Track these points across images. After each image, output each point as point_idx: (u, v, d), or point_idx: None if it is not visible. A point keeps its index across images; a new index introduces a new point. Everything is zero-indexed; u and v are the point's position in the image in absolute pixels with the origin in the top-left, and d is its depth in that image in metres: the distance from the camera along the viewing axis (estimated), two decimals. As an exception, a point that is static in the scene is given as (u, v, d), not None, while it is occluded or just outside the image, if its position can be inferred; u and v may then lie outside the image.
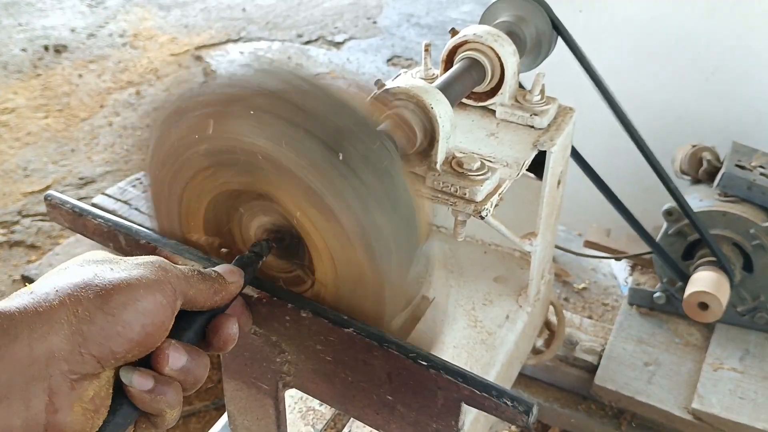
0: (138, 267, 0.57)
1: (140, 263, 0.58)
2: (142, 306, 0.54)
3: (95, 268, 0.56)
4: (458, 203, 0.93)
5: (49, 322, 0.51)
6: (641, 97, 1.87)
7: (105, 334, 0.52)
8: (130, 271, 0.56)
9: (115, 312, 0.53)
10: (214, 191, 0.73)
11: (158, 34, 3.84)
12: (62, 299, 0.52)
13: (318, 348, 0.73)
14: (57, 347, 0.51)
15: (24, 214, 2.51)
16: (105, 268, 0.56)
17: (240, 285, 0.66)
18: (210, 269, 0.65)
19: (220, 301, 0.63)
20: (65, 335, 0.51)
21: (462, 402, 0.66)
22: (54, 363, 0.51)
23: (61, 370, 0.51)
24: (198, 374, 0.59)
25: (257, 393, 0.85)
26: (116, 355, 0.54)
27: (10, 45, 3.66)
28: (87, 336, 0.52)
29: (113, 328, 0.53)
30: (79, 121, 3.08)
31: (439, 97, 0.91)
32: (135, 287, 0.55)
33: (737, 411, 1.50)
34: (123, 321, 0.53)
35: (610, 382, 1.59)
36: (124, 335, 0.53)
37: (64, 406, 0.52)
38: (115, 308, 0.53)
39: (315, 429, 1.15)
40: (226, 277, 0.64)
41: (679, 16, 1.78)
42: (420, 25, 4.02)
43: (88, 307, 0.52)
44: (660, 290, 1.72)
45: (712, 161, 1.67)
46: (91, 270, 0.56)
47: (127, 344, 0.54)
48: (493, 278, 1.38)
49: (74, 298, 0.52)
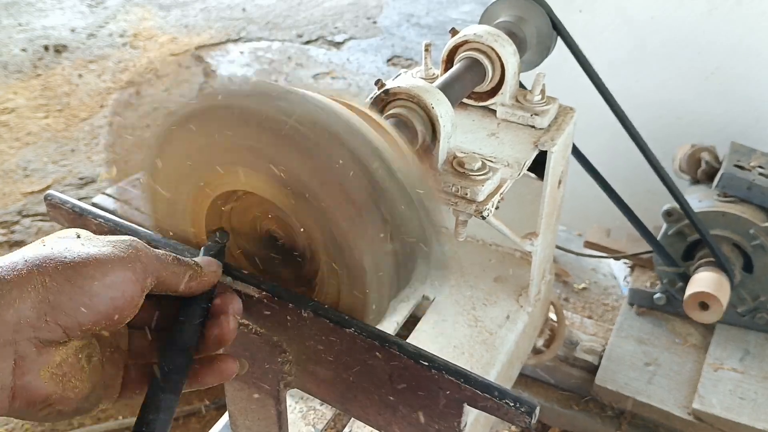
0: (109, 244, 0.59)
1: (113, 241, 0.60)
2: (109, 280, 0.56)
3: (68, 242, 0.58)
4: (459, 203, 0.93)
5: (18, 289, 0.53)
6: (641, 96, 1.87)
7: (71, 305, 0.54)
8: (100, 247, 0.58)
9: (82, 284, 0.55)
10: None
11: (158, 34, 3.84)
12: (30, 269, 0.54)
13: (319, 348, 0.73)
14: (24, 314, 0.52)
15: (24, 214, 2.50)
16: (77, 242, 0.58)
17: (218, 275, 0.68)
18: (190, 259, 0.66)
19: (196, 287, 0.65)
20: (32, 303, 0.53)
21: (464, 403, 0.66)
22: (21, 329, 0.52)
23: (27, 336, 0.53)
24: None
25: (258, 393, 0.85)
26: (82, 326, 0.55)
27: (10, 45, 3.66)
28: (54, 305, 0.53)
29: (80, 300, 0.54)
30: (79, 121, 3.08)
31: (440, 97, 0.91)
32: (104, 262, 0.56)
33: (737, 411, 1.50)
34: (90, 294, 0.55)
35: (611, 383, 1.59)
36: (91, 307, 0.55)
37: (32, 369, 0.54)
38: (83, 281, 0.55)
39: (316, 429, 1.15)
40: (203, 266, 0.66)
41: (679, 16, 1.78)
42: (420, 25, 4.02)
43: (56, 278, 0.54)
44: (660, 290, 1.72)
45: (711, 161, 1.67)
46: (63, 244, 0.57)
47: (94, 316, 0.55)
48: (493, 278, 1.38)
49: (42, 269, 0.54)
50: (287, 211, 0.69)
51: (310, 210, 0.67)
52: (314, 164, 0.64)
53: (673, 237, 1.62)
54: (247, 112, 0.65)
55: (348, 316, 0.71)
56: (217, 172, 0.70)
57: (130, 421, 1.76)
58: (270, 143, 0.65)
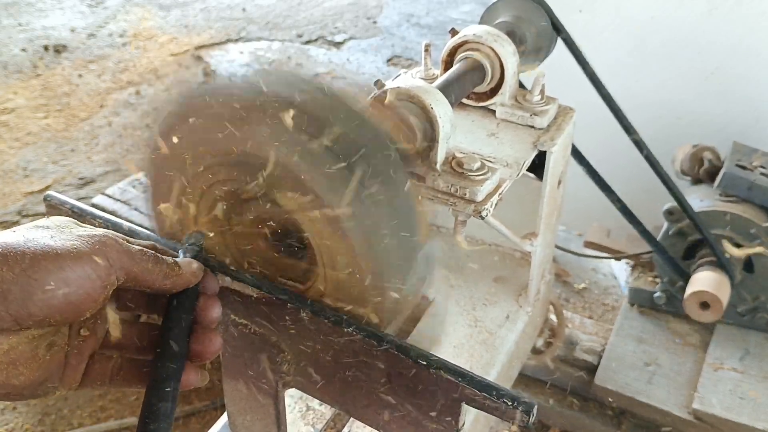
0: (77, 238, 0.59)
1: (82, 235, 0.60)
2: (65, 275, 0.56)
3: (36, 233, 0.58)
4: (458, 203, 0.93)
5: None
6: (641, 96, 1.87)
7: (24, 296, 0.54)
8: (65, 240, 0.58)
9: (38, 277, 0.55)
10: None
11: (158, 34, 3.84)
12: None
13: (318, 348, 0.73)
14: None
15: (24, 214, 2.51)
16: (45, 234, 0.58)
17: (198, 276, 0.68)
18: (171, 259, 0.66)
19: (170, 285, 0.65)
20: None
21: (462, 402, 0.66)
22: None
23: None
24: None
25: (257, 393, 0.85)
26: (34, 317, 0.55)
27: (10, 45, 3.66)
28: (6, 295, 0.54)
29: (34, 292, 0.55)
30: (79, 121, 3.08)
31: (439, 97, 0.91)
32: (63, 257, 0.56)
33: (737, 411, 1.50)
34: (44, 287, 0.55)
35: (611, 382, 1.59)
36: (45, 301, 0.55)
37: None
38: (38, 273, 0.55)
39: (315, 429, 1.15)
40: (182, 266, 0.66)
41: (679, 16, 1.78)
42: (420, 25, 4.02)
43: (14, 268, 0.54)
44: (660, 290, 1.72)
45: (713, 161, 1.67)
46: (30, 234, 0.58)
47: (47, 309, 0.55)
48: (493, 278, 1.38)
49: (2, 258, 0.54)
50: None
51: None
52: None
53: (674, 236, 1.62)
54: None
55: (347, 315, 0.71)
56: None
57: (130, 421, 1.76)
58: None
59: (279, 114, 0.66)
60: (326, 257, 0.71)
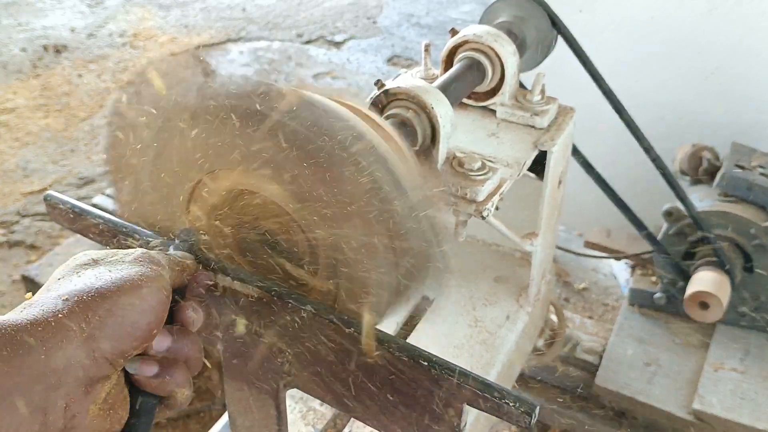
0: (134, 264, 0.58)
1: (133, 260, 0.59)
2: (147, 304, 0.56)
3: (93, 272, 0.57)
4: (459, 203, 0.93)
5: (62, 331, 0.52)
6: (641, 96, 1.86)
7: (116, 335, 0.54)
8: (128, 269, 0.57)
9: (123, 313, 0.54)
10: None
11: (158, 34, 3.84)
12: (71, 307, 0.53)
13: (318, 348, 0.73)
14: (72, 355, 0.52)
15: (24, 214, 2.50)
16: (102, 270, 0.57)
17: (192, 269, 0.68)
18: (171, 254, 0.67)
19: (180, 283, 0.65)
20: (79, 342, 0.52)
21: (463, 402, 0.66)
22: (70, 370, 0.52)
23: (76, 376, 0.52)
24: (189, 352, 0.61)
25: (258, 393, 0.85)
26: (125, 354, 0.55)
27: (9, 45, 3.65)
28: (99, 340, 0.53)
29: (123, 329, 0.54)
30: (79, 121, 3.08)
31: (440, 97, 0.91)
32: (138, 287, 0.56)
33: (738, 411, 1.50)
34: (131, 321, 0.55)
35: (611, 383, 1.59)
36: (133, 334, 0.55)
37: (81, 410, 0.53)
38: (123, 309, 0.54)
39: (315, 429, 1.15)
40: (185, 261, 0.67)
41: (679, 16, 1.78)
42: (420, 25, 4.02)
43: (97, 311, 0.53)
44: (660, 290, 1.72)
45: (712, 161, 1.67)
46: (90, 274, 0.56)
47: (136, 342, 0.55)
48: (493, 278, 1.38)
49: (83, 304, 0.53)
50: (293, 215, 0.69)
51: (316, 216, 0.67)
52: (323, 174, 0.64)
53: (674, 237, 1.62)
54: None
55: (347, 316, 0.71)
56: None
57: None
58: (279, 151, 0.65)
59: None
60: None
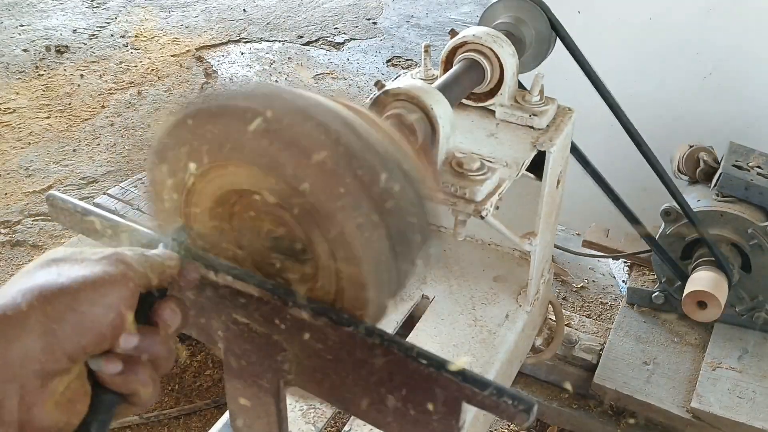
0: (99, 263, 0.58)
1: (100, 258, 0.59)
2: (108, 301, 0.56)
3: (58, 268, 0.57)
4: (458, 203, 0.94)
5: (21, 324, 0.52)
6: (639, 97, 1.87)
7: (76, 331, 0.54)
8: (92, 267, 0.57)
9: (84, 309, 0.54)
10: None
11: (159, 35, 3.85)
12: (30, 302, 0.53)
13: (318, 347, 0.73)
14: (30, 348, 0.52)
15: (26, 214, 2.51)
16: (67, 266, 0.57)
17: (173, 269, 0.67)
18: (153, 253, 0.66)
19: (158, 282, 0.64)
20: (37, 335, 0.52)
21: (462, 401, 0.67)
22: (27, 363, 0.52)
23: (33, 369, 0.52)
24: (156, 350, 0.61)
25: (258, 391, 0.86)
26: (86, 349, 0.55)
27: (11, 45, 3.66)
28: (58, 334, 0.53)
29: (83, 325, 0.54)
30: (81, 121, 3.09)
31: (439, 97, 0.92)
32: (100, 284, 0.56)
33: (735, 410, 1.50)
34: (91, 317, 0.55)
35: (609, 381, 1.60)
36: (94, 330, 0.55)
37: (37, 403, 0.53)
38: (83, 305, 0.55)
39: (316, 427, 1.16)
40: (164, 261, 0.66)
41: (677, 16, 1.78)
42: (420, 26, 4.03)
43: (57, 306, 0.54)
44: (659, 290, 1.73)
45: (710, 161, 1.67)
46: (54, 270, 0.57)
47: (97, 338, 0.55)
48: (492, 278, 1.39)
49: (42, 298, 0.54)
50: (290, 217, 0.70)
51: (315, 217, 0.67)
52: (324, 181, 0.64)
53: (672, 236, 1.62)
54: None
55: (347, 314, 0.71)
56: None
57: (130, 420, 1.77)
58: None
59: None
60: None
